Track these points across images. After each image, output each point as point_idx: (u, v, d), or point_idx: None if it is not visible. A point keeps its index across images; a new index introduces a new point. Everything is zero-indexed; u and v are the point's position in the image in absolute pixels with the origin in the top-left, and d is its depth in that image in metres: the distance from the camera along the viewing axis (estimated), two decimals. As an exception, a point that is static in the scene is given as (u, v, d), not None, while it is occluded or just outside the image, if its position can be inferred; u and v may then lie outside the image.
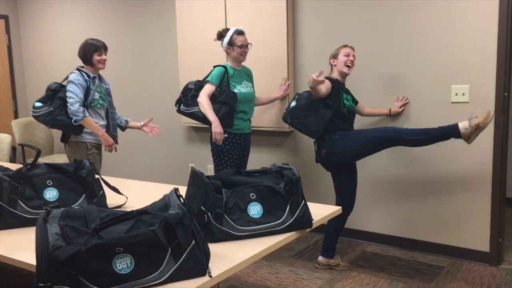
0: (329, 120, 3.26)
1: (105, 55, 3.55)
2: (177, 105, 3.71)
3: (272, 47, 4.10)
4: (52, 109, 3.41)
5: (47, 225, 1.40)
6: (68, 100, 3.36)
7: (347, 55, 3.34)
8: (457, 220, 3.61)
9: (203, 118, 3.52)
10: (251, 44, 3.65)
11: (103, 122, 3.61)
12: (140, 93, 5.26)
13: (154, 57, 5.11)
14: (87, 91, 3.45)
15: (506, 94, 3.35)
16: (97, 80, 3.54)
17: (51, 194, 2.06)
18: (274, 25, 4.05)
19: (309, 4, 4.03)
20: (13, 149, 5.23)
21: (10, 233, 1.95)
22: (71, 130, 3.45)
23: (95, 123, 3.46)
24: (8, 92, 6.25)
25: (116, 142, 3.67)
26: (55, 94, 3.45)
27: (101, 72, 3.65)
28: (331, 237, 3.47)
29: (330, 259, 3.50)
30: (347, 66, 3.34)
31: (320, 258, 3.53)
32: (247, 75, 3.72)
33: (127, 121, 3.86)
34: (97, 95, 3.52)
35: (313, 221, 1.95)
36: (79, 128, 3.44)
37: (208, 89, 3.50)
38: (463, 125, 3.05)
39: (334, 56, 3.39)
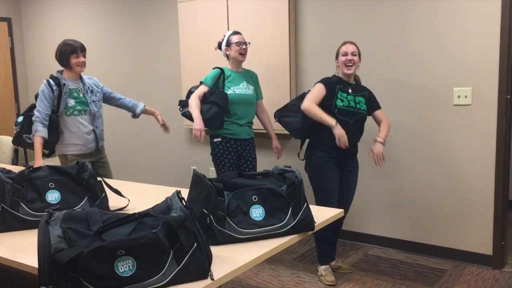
0: (314, 121, 3.17)
1: (83, 56, 3.33)
2: (180, 108, 3.73)
3: (274, 50, 4.10)
4: (19, 129, 3.34)
5: (49, 228, 1.40)
6: (33, 118, 3.26)
7: (345, 54, 3.17)
8: (460, 223, 3.60)
9: (192, 117, 3.47)
10: (249, 43, 3.59)
11: (87, 129, 3.43)
12: (142, 95, 5.27)
13: (156, 59, 5.12)
14: (58, 100, 3.28)
15: (508, 96, 3.34)
16: (72, 85, 3.34)
17: (53, 196, 2.06)
18: (276, 28, 4.06)
19: (311, 7, 4.03)
20: (16, 151, 5.23)
21: (12, 235, 1.95)
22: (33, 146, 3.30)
23: (39, 148, 3.23)
24: (11, 94, 6.26)
25: (101, 147, 3.56)
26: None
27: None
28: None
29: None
30: (347, 65, 3.18)
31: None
32: (249, 78, 3.63)
33: (142, 108, 3.67)
34: (72, 102, 3.32)
35: (315, 224, 1.95)
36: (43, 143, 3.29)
37: (199, 90, 3.48)
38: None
39: (336, 56, 3.27)
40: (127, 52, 5.31)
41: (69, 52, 3.28)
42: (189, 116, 3.52)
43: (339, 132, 3.07)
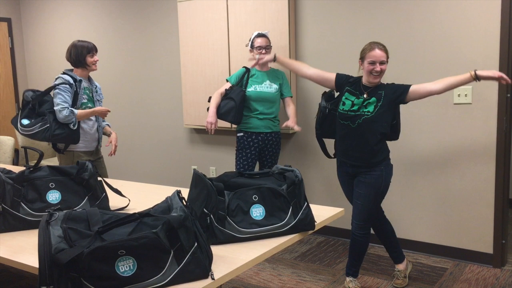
0: (324, 116, 3.07)
1: (96, 56, 3.50)
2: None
3: (274, 50, 4.09)
4: (48, 125, 3.30)
5: (50, 228, 1.41)
6: (55, 109, 3.26)
7: (372, 63, 2.83)
8: (460, 222, 3.60)
9: None
10: (271, 46, 3.72)
11: (94, 127, 3.50)
12: (143, 95, 5.27)
13: (156, 59, 5.11)
14: (75, 96, 3.37)
15: (508, 95, 3.34)
16: (84, 83, 3.45)
17: (53, 196, 2.06)
18: (276, 27, 4.06)
19: (311, 7, 4.03)
20: (16, 151, 5.24)
21: (13, 235, 1.96)
22: (71, 139, 3.36)
23: (84, 111, 3.35)
24: (11, 95, 6.27)
25: (100, 146, 3.61)
26: (39, 106, 3.35)
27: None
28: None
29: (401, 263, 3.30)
30: (373, 75, 2.86)
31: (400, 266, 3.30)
32: (275, 77, 3.77)
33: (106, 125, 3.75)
34: (85, 98, 3.43)
35: (315, 223, 1.95)
36: (77, 134, 3.35)
37: (222, 87, 3.75)
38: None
39: (361, 58, 2.92)
40: (127, 52, 5.31)
41: (85, 52, 3.42)
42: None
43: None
